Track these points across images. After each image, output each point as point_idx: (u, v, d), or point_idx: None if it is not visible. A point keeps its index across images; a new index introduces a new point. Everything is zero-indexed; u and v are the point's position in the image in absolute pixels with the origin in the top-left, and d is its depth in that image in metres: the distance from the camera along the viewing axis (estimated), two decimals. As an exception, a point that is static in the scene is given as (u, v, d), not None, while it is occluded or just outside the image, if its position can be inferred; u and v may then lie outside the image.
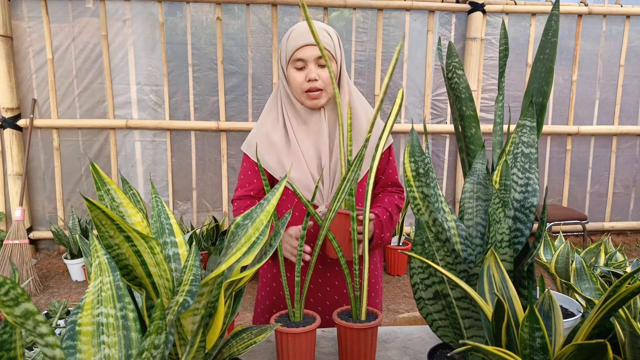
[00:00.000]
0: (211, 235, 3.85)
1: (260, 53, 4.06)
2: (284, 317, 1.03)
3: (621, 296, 0.58)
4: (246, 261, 0.68)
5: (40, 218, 4.17)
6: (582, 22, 4.31)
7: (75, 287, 3.66)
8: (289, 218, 0.83)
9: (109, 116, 4.02)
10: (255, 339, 0.83)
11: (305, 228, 1.04)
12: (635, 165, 4.64)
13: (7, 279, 0.44)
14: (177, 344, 0.69)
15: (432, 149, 4.36)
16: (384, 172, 1.47)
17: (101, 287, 0.64)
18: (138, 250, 0.63)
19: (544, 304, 0.72)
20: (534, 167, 0.83)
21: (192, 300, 0.60)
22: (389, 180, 1.48)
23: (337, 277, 1.38)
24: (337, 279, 1.38)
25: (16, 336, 0.55)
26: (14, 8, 3.86)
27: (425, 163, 0.87)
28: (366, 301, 1.00)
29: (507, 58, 0.92)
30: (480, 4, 4.08)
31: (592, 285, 1.16)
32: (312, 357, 1.00)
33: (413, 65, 4.22)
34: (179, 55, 4.00)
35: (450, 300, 0.84)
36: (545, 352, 0.63)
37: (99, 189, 0.67)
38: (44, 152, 4.05)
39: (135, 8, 3.91)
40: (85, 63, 3.96)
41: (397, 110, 1.09)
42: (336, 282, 1.38)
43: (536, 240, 0.77)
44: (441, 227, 0.82)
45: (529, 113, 0.84)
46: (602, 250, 1.67)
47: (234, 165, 4.20)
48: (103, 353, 0.62)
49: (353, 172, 1.05)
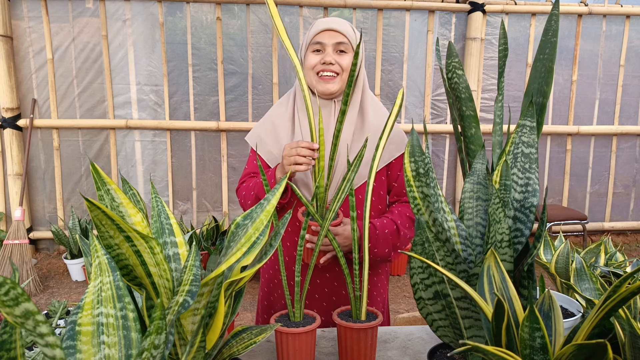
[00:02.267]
0: (211, 235, 3.85)
1: (260, 53, 4.06)
2: (284, 317, 1.03)
3: (621, 296, 0.58)
4: (246, 261, 0.68)
5: (40, 218, 4.17)
6: (582, 22, 4.31)
7: (75, 287, 3.66)
8: (289, 218, 0.83)
9: (109, 116, 4.02)
10: (255, 339, 0.83)
11: (305, 228, 1.04)
12: (635, 165, 4.64)
13: (7, 279, 0.44)
14: (177, 344, 0.69)
15: (432, 149, 4.36)
16: (397, 179, 1.39)
17: (101, 287, 0.64)
18: (138, 250, 0.63)
19: (544, 304, 0.72)
20: (534, 167, 0.83)
21: (192, 300, 0.60)
22: (404, 189, 1.39)
23: (338, 278, 1.37)
24: (338, 280, 1.37)
25: (16, 336, 0.55)
26: (14, 8, 3.86)
27: (425, 163, 0.87)
28: (366, 301, 1.00)
29: (507, 58, 0.92)
30: (480, 4, 4.08)
31: (592, 285, 1.15)
32: (312, 357, 1.00)
33: (413, 65, 4.22)
34: (179, 55, 4.00)
35: (450, 300, 0.84)
36: (545, 352, 0.63)
37: (99, 189, 0.67)
38: (44, 152, 4.05)
39: (135, 8, 3.91)
40: (85, 63, 3.96)
41: (397, 110, 1.09)
42: (335, 282, 1.37)
43: (536, 240, 0.77)
44: (441, 227, 0.82)
45: (529, 113, 0.84)
46: (602, 250, 1.67)
47: (234, 165, 4.20)
48: (103, 353, 0.62)
49: (353, 172, 1.05)
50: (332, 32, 1.30)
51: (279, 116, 1.41)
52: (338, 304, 1.35)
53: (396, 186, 1.40)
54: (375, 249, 1.28)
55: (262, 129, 1.43)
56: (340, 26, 1.31)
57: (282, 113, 1.41)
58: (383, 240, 1.28)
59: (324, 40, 1.31)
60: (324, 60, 1.30)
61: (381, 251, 1.29)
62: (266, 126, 1.42)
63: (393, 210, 1.37)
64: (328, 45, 1.31)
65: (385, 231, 1.29)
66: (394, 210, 1.36)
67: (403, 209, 1.36)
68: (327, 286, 1.37)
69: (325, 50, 1.31)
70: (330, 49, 1.31)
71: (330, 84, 1.32)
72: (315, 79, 1.33)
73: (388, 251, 1.30)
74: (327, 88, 1.32)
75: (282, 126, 1.39)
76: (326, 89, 1.32)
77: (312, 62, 1.32)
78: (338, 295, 1.37)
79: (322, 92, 1.33)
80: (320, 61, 1.31)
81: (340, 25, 1.31)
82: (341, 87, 1.34)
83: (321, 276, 1.36)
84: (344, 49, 1.31)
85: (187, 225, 4.17)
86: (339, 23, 1.32)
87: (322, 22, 1.33)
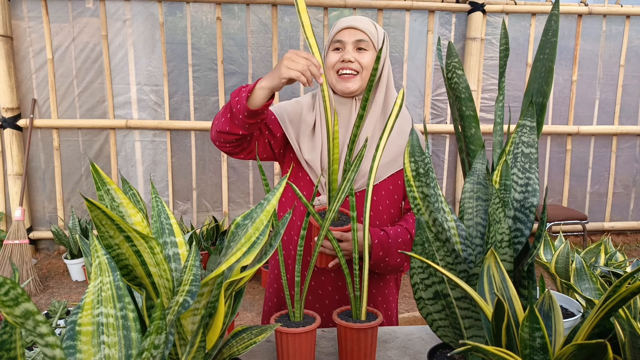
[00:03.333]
0: (211, 235, 3.85)
1: (260, 53, 4.06)
2: (284, 317, 1.03)
3: (621, 296, 0.58)
4: (246, 261, 0.68)
5: (40, 218, 4.17)
6: (582, 22, 4.31)
7: (75, 287, 3.66)
8: (289, 218, 0.83)
9: (109, 116, 4.03)
10: (255, 339, 0.83)
11: (305, 228, 1.04)
12: (635, 165, 4.64)
13: (7, 279, 0.44)
14: (177, 344, 0.69)
15: (432, 149, 4.36)
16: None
17: (101, 287, 0.64)
18: (138, 250, 0.63)
19: (544, 304, 0.72)
20: (534, 167, 0.83)
21: (192, 300, 0.60)
22: None
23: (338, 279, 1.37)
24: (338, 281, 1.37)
25: (16, 336, 0.55)
26: (14, 8, 3.86)
27: (425, 163, 0.87)
28: (366, 301, 1.00)
29: (508, 58, 0.92)
30: (480, 4, 4.08)
31: (592, 285, 1.15)
32: (312, 357, 0.99)
33: (413, 65, 4.22)
34: (179, 55, 4.00)
35: (450, 300, 0.84)
36: (545, 352, 0.63)
37: (99, 189, 0.67)
38: (44, 152, 4.05)
39: (135, 8, 3.91)
40: (85, 63, 3.96)
41: (397, 110, 1.09)
42: (339, 282, 1.37)
43: (536, 240, 0.77)
44: (441, 227, 0.82)
45: (529, 113, 0.84)
46: (602, 250, 1.67)
47: (234, 165, 4.20)
48: (103, 353, 0.62)
49: (353, 172, 1.05)
50: (352, 30, 1.29)
51: (308, 108, 1.38)
52: (342, 304, 1.35)
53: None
54: (387, 257, 1.24)
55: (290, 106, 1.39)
56: (360, 24, 1.29)
57: (309, 107, 1.39)
58: (395, 249, 1.25)
59: (344, 38, 1.29)
60: (343, 58, 1.28)
61: (393, 260, 1.26)
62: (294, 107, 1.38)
63: (408, 218, 1.34)
64: (348, 43, 1.29)
65: (398, 240, 1.25)
66: (409, 219, 1.34)
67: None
68: (331, 285, 1.36)
69: (345, 48, 1.30)
70: (350, 47, 1.29)
71: (350, 83, 1.29)
72: (335, 78, 1.31)
73: (400, 261, 1.27)
74: (347, 87, 1.29)
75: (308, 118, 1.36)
76: (346, 87, 1.29)
77: (332, 61, 1.30)
78: (342, 295, 1.37)
79: (341, 90, 1.31)
80: (340, 59, 1.29)
81: (361, 23, 1.30)
82: (361, 85, 1.31)
83: (326, 275, 1.36)
84: (364, 47, 1.29)
85: (187, 225, 4.17)
86: (360, 21, 1.30)
87: (343, 21, 1.31)
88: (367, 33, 1.29)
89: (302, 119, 1.37)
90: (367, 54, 1.30)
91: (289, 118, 1.37)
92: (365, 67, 1.29)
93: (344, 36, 1.29)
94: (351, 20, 1.30)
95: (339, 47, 1.31)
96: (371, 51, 1.30)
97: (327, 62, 1.32)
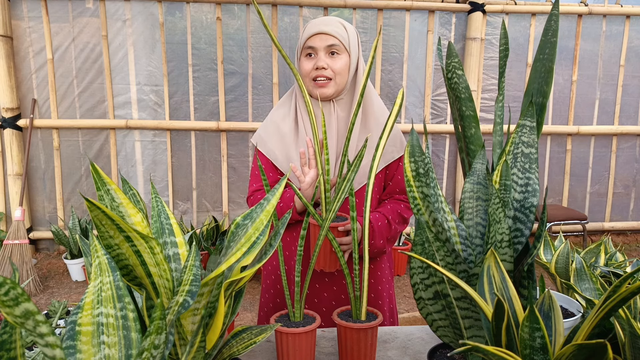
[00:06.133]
0: (211, 235, 3.85)
1: (260, 53, 4.06)
2: (284, 317, 1.03)
3: (621, 296, 0.58)
4: (246, 261, 0.68)
5: (40, 218, 4.17)
6: (582, 22, 4.31)
7: (75, 287, 3.66)
8: (289, 218, 0.83)
9: (109, 116, 4.02)
10: (255, 339, 0.83)
11: (305, 228, 1.04)
12: (635, 165, 4.64)
13: (7, 279, 0.44)
14: (177, 344, 0.69)
15: (432, 149, 4.36)
16: (392, 179, 1.42)
17: (101, 287, 0.64)
18: (138, 250, 0.63)
19: (544, 304, 0.72)
20: (534, 167, 0.83)
21: (192, 300, 0.60)
22: (398, 187, 1.42)
23: (338, 279, 1.37)
24: (338, 281, 1.37)
25: (16, 336, 0.55)
26: (14, 8, 3.86)
27: (425, 163, 0.87)
28: (366, 301, 1.00)
29: (507, 58, 0.92)
30: (480, 4, 4.08)
31: (592, 285, 1.16)
32: (312, 357, 1.00)
33: (413, 65, 4.22)
34: (179, 55, 4.00)
35: (450, 300, 0.84)
36: (545, 352, 0.63)
37: (99, 189, 0.67)
38: (44, 152, 4.05)
39: (135, 8, 3.91)
40: (85, 63, 3.96)
41: (397, 110, 1.09)
42: (342, 281, 1.37)
43: (536, 240, 0.77)
44: (441, 227, 0.82)
45: (529, 113, 0.84)
46: (602, 250, 1.67)
47: (234, 165, 4.20)
48: (103, 353, 0.62)
49: (353, 172, 1.05)
50: (323, 36, 1.30)
51: (282, 118, 1.41)
52: (343, 304, 1.36)
53: (390, 185, 1.42)
54: (372, 240, 1.33)
55: (265, 131, 1.43)
56: (330, 28, 1.31)
57: (284, 114, 1.42)
58: (379, 232, 1.33)
59: (315, 44, 1.31)
60: (317, 66, 1.31)
61: (377, 242, 1.34)
62: (269, 128, 1.42)
63: (385, 205, 1.40)
64: (320, 49, 1.31)
65: (378, 224, 1.34)
66: (387, 205, 1.40)
67: (395, 205, 1.40)
68: (335, 285, 1.37)
69: (317, 55, 1.32)
70: (322, 53, 1.31)
71: (325, 89, 1.33)
72: (312, 85, 1.34)
73: (383, 242, 1.35)
74: (323, 92, 1.33)
75: (286, 127, 1.40)
76: (322, 93, 1.33)
77: (306, 69, 1.33)
78: (345, 294, 1.37)
79: (318, 96, 1.34)
80: (314, 67, 1.32)
81: (330, 27, 1.31)
82: (337, 90, 1.34)
83: (329, 275, 1.36)
84: (336, 50, 1.31)
85: (187, 225, 4.17)
86: (330, 24, 1.32)
87: (312, 25, 1.33)
88: (337, 37, 1.31)
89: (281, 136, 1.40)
90: (339, 58, 1.32)
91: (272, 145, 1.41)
92: (338, 72, 1.32)
93: (315, 42, 1.31)
94: (321, 25, 1.31)
95: (311, 53, 1.33)
96: (343, 54, 1.33)
97: (302, 70, 1.34)
